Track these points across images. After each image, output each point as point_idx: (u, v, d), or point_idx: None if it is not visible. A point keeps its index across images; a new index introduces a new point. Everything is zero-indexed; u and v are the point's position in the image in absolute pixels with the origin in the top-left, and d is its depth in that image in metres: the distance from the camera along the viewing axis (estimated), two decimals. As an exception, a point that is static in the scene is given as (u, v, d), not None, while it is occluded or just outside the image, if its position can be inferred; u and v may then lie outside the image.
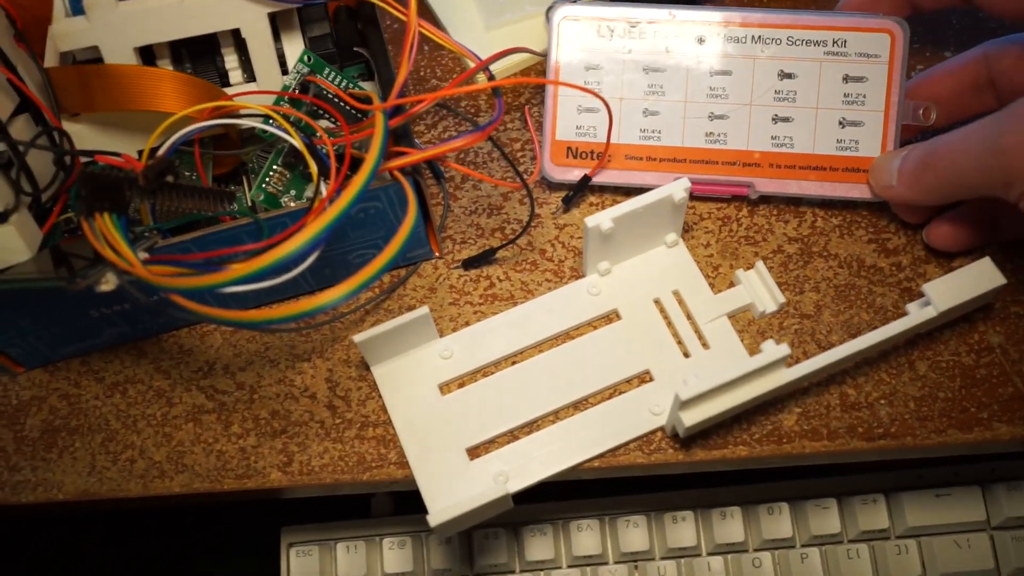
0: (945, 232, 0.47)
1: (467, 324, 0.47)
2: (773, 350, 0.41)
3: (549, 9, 0.49)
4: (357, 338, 0.43)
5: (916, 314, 0.44)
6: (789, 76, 0.49)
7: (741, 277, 0.47)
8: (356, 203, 0.37)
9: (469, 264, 0.48)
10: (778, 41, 0.49)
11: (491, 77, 0.44)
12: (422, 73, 0.54)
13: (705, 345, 0.46)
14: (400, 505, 0.56)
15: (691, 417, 0.41)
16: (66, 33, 0.42)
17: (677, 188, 0.44)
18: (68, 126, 0.44)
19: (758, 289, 0.47)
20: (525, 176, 0.50)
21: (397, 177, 0.41)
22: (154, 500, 0.45)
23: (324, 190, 0.42)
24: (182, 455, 0.45)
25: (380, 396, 0.46)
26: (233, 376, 0.47)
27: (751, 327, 0.47)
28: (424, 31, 0.42)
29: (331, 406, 0.46)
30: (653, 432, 0.45)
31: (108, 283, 0.37)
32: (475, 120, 0.48)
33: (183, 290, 0.36)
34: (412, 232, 0.38)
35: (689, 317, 0.47)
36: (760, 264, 0.47)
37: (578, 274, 0.48)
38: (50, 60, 0.45)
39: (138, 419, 0.46)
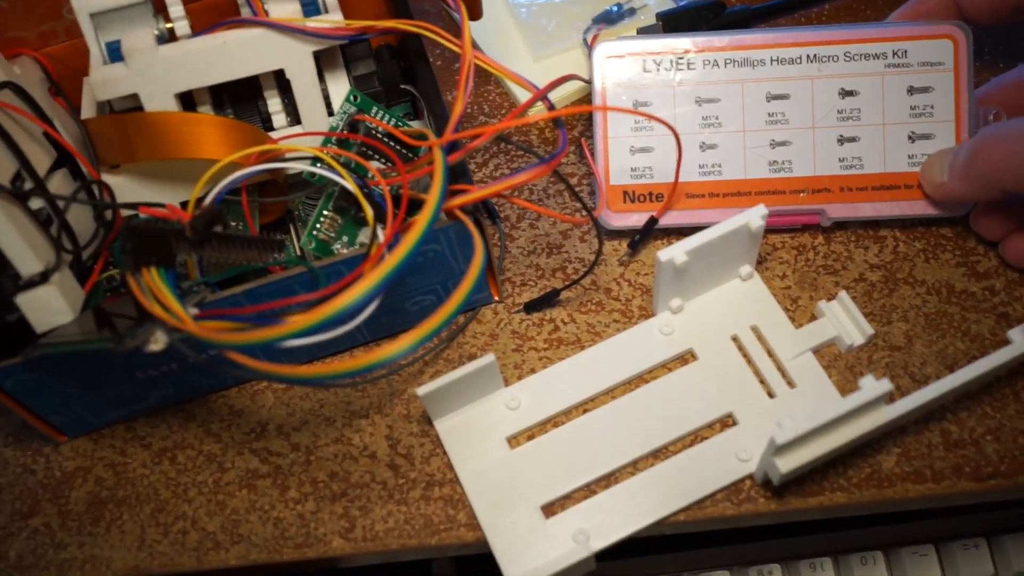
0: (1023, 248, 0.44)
1: (533, 371, 0.44)
2: (873, 386, 0.38)
3: (587, 41, 0.47)
4: (420, 391, 0.40)
5: (1022, 341, 0.40)
6: (851, 94, 0.46)
7: (824, 309, 0.44)
8: (420, 246, 0.34)
9: (531, 307, 0.46)
10: (835, 58, 0.46)
11: (551, 106, 0.41)
12: (468, 110, 0.51)
13: (791, 384, 0.43)
14: (463, 569, 0.53)
15: (788, 463, 0.38)
16: (105, 81, 0.40)
17: (754, 216, 0.41)
18: (108, 178, 0.42)
19: (843, 321, 0.44)
20: (590, 209, 0.47)
21: (459, 217, 0.39)
22: (209, 574, 0.42)
23: (381, 234, 0.39)
24: (237, 524, 0.42)
25: (445, 452, 0.43)
26: (288, 437, 0.44)
27: (838, 362, 0.44)
28: (480, 62, 0.40)
29: (393, 465, 0.43)
30: (741, 480, 0.41)
31: (158, 342, 0.35)
32: (536, 153, 0.46)
33: (240, 346, 0.33)
34: (480, 276, 0.36)
35: (771, 354, 0.44)
36: (843, 294, 0.44)
37: (648, 313, 0.45)
38: (87, 111, 0.44)
39: (189, 487, 0.43)
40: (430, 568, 0.53)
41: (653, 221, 0.46)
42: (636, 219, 0.46)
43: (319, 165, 0.41)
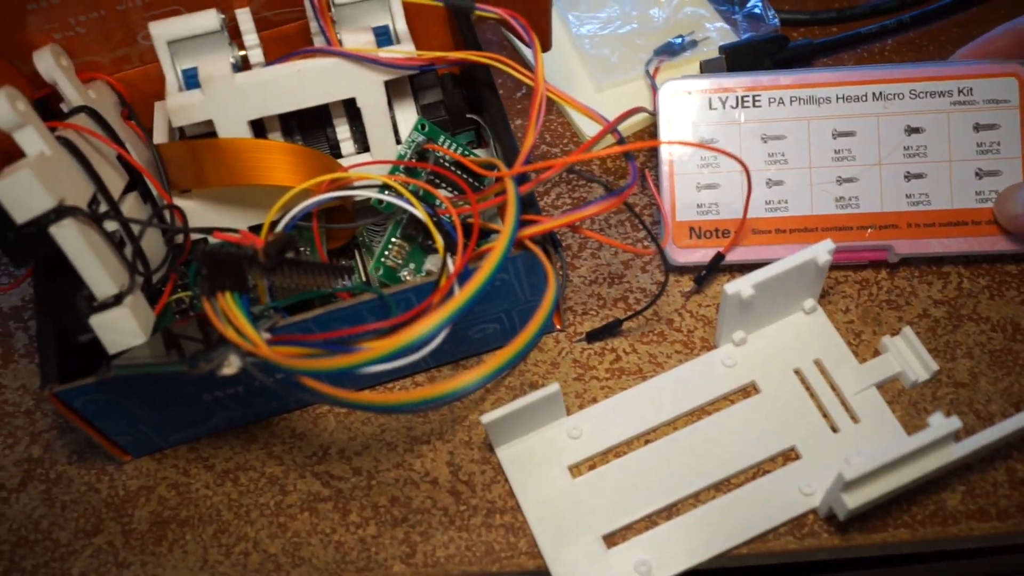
0: None
1: (594, 400, 0.44)
2: (942, 423, 0.37)
3: (649, 72, 0.47)
4: (484, 419, 0.40)
5: (1092, 381, 0.40)
6: (917, 131, 0.46)
7: (888, 344, 0.44)
8: (496, 275, 0.35)
9: (593, 336, 0.46)
10: (900, 96, 0.46)
11: (621, 139, 0.41)
12: (530, 139, 0.52)
13: (854, 419, 0.43)
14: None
15: (855, 499, 0.38)
16: (181, 108, 0.41)
17: (821, 251, 0.41)
18: (179, 202, 0.43)
19: (907, 356, 0.44)
20: (657, 240, 0.47)
21: (530, 247, 0.39)
22: (269, 596, 0.42)
23: (450, 263, 0.39)
24: (299, 547, 0.42)
25: (506, 480, 0.43)
26: (349, 461, 0.44)
27: (902, 397, 0.43)
28: (551, 94, 0.40)
29: (454, 492, 0.43)
30: (805, 515, 0.41)
31: (231, 366, 0.35)
32: (608, 185, 0.46)
33: (315, 372, 0.34)
34: (552, 309, 0.36)
35: (834, 388, 0.44)
36: (908, 330, 0.44)
37: (710, 345, 0.45)
38: (159, 136, 0.44)
39: (251, 509, 0.43)
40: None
41: (720, 257, 0.46)
42: (702, 255, 0.46)
43: (388, 193, 0.42)
